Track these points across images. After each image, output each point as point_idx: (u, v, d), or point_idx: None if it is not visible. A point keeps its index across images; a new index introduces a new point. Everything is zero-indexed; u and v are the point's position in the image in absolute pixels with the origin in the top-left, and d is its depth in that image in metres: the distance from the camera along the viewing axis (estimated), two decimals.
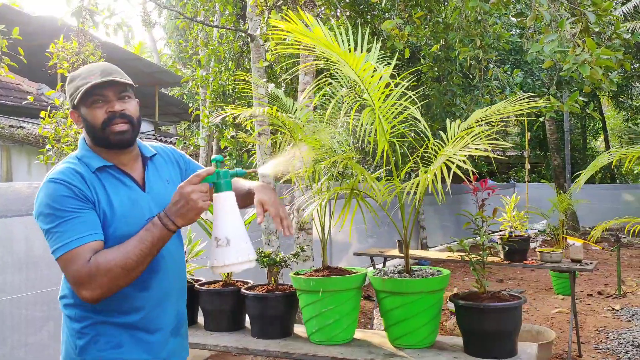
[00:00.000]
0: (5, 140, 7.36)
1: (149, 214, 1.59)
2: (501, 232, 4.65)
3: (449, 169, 1.97)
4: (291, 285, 2.41)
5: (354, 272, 2.30)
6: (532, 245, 9.81)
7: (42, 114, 4.99)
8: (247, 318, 2.49)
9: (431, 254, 5.53)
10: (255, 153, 7.20)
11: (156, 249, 1.51)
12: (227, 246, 1.53)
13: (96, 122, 1.58)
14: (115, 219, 1.54)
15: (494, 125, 2.16)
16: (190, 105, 9.46)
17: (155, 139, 10.84)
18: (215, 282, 2.62)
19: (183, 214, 1.48)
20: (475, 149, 1.98)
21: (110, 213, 1.53)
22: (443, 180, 1.96)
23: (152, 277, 1.61)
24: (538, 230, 11.96)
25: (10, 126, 7.47)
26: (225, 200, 1.57)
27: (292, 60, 6.54)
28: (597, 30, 3.95)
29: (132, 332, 1.58)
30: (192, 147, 8.14)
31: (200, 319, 2.63)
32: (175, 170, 1.79)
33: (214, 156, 1.65)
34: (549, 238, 11.20)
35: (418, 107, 2.26)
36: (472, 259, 2.14)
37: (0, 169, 7.37)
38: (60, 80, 7.73)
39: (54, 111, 5.08)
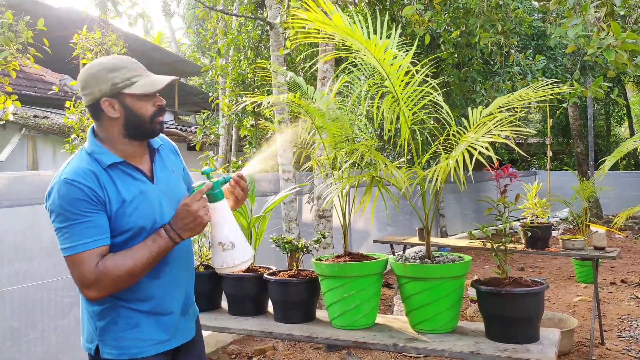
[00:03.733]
0: (31, 130, 7.52)
1: (158, 204, 1.69)
2: (523, 220, 4.61)
3: (471, 155, 1.96)
4: (312, 271, 2.44)
5: (376, 258, 2.32)
6: (554, 233, 9.72)
7: (68, 104, 5.08)
8: (270, 303, 2.53)
9: (451, 241, 5.52)
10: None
11: (160, 257, 1.63)
12: (232, 249, 1.73)
13: (147, 113, 1.66)
14: (127, 213, 1.62)
15: (516, 112, 2.15)
16: (210, 94, 9.52)
17: (176, 128, 10.95)
18: None
19: (191, 229, 1.63)
20: (498, 135, 1.98)
21: (122, 208, 1.61)
22: (465, 167, 1.96)
23: (163, 267, 1.71)
24: (560, 219, 11.84)
25: (36, 116, 7.62)
26: (222, 209, 1.73)
27: (312, 49, 6.53)
28: (622, 13, 3.87)
29: (145, 316, 1.69)
30: (212, 136, 8.21)
31: (224, 303, 2.68)
32: (176, 159, 1.88)
33: (203, 169, 1.78)
34: (571, 226, 11.06)
35: (439, 93, 2.25)
36: (493, 245, 2.14)
37: (27, 158, 7.54)
38: None
39: (78, 101, 5.18)
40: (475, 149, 1.96)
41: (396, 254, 2.61)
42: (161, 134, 1.82)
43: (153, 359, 1.69)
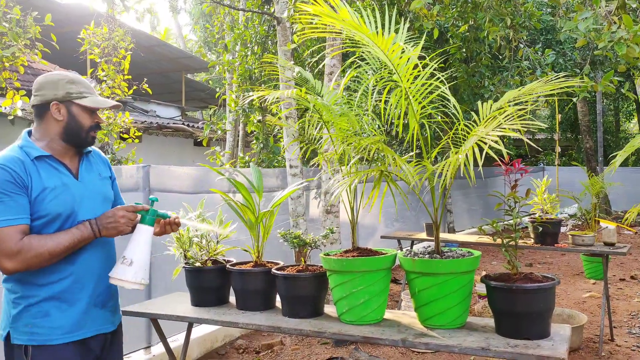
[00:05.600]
0: None
1: (79, 197, 1.92)
2: (532, 215, 4.58)
3: (480, 150, 1.94)
4: (321, 266, 2.43)
5: (384, 253, 2.30)
6: (563, 229, 9.67)
7: None
8: (278, 298, 2.52)
9: (459, 237, 5.49)
10: (281, 137, 7.23)
11: (81, 245, 1.87)
12: (130, 266, 1.92)
13: (85, 124, 1.95)
14: (47, 199, 1.83)
15: (526, 106, 2.12)
16: (217, 90, 9.52)
17: (183, 124, 10.96)
18: (245, 262, 2.66)
19: (109, 229, 1.90)
20: (509, 129, 1.95)
21: (42, 194, 1.83)
22: (475, 161, 1.94)
23: (79, 254, 1.90)
24: (568, 214, 11.76)
25: None
26: (144, 232, 1.97)
27: (319, 44, 6.51)
28: (634, 6, 3.82)
29: (57, 303, 1.86)
30: (219, 132, 8.21)
31: (232, 298, 2.68)
32: (105, 168, 2.12)
33: (150, 196, 2.07)
34: (579, 222, 10.96)
35: (447, 87, 2.23)
36: (504, 241, 2.12)
37: None
38: (90, 66, 7.85)
39: None
40: (485, 143, 1.93)
41: (404, 249, 2.59)
42: (95, 148, 2.14)
43: (61, 348, 1.85)
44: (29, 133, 1.95)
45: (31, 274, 1.83)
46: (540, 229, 4.12)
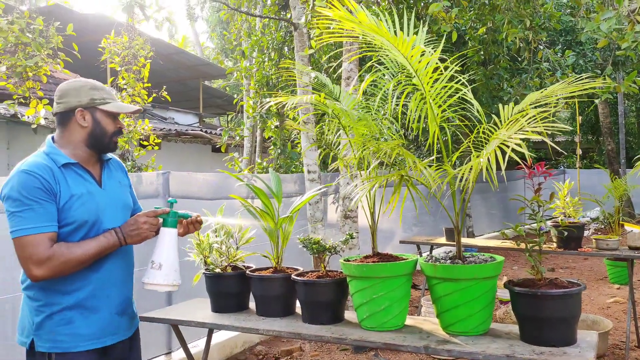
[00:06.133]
0: None
1: (103, 205, 1.94)
2: (555, 219, 4.50)
3: (503, 153, 1.91)
4: (341, 272, 2.42)
5: (405, 259, 2.28)
6: (585, 233, 9.49)
7: None
8: (298, 304, 2.51)
9: (479, 241, 5.42)
10: (298, 143, 7.24)
11: (106, 252, 1.90)
12: (159, 270, 1.97)
13: (109, 130, 1.98)
14: (74, 207, 1.84)
15: (550, 108, 2.08)
16: (235, 96, 9.58)
17: (201, 130, 11.05)
18: (265, 268, 2.66)
19: (133, 236, 1.93)
20: (531, 131, 1.92)
21: (70, 202, 1.84)
22: (497, 165, 1.91)
23: (103, 262, 1.92)
24: (590, 218, 11.54)
25: None
26: (168, 235, 2.01)
27: (336, 49, 6.51)
28: None
29: (80, 310, 1.87)
30: (237, 138, 8.25)
31: (252, 304, 2.68)
32: (123, 176, 2.14)
33: (169, 199, 2.09)
34: (602, 226, 10.75)
35: (469, 89, 2.21)
36: (527, 245, 2.08)
37: None
38: (110, 74, 7.96)
39: None
40: (507, 146, 1.91)
41: (423, 254, 2.56)
42: (114, 156, 2.15)
43: (84, 355, 1.86)
44: (52, 139, 1.97)
45: (56, 282, 1.84)
46: (565, 233, 4.05)
